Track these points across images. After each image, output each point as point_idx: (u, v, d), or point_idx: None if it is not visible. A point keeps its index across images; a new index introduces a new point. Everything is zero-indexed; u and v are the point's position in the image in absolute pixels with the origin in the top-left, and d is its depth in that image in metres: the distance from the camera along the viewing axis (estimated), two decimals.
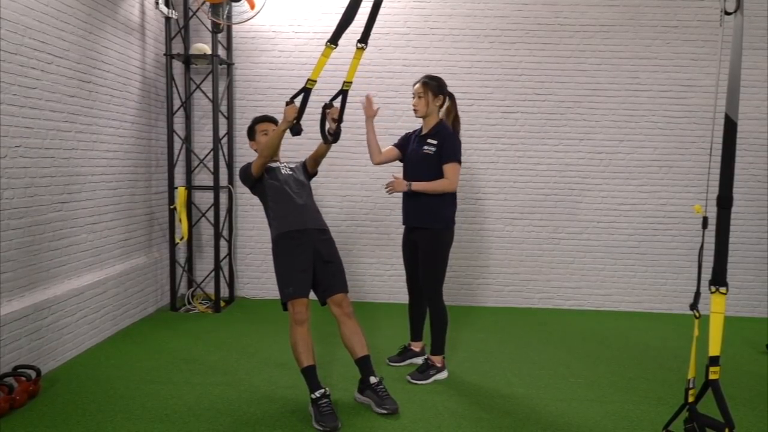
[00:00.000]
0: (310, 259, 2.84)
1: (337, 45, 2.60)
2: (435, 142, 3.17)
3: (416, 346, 3.52)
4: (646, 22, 4.68)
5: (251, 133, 3.11)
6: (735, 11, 2.09)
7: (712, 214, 2.16)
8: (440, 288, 3.24)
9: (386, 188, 3.23)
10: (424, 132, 3.27)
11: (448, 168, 3.14)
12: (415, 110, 3.26)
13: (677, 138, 4.75)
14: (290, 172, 3.02)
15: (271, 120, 3.10)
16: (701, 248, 2.23)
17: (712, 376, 2.14)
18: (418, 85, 3.25)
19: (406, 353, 3.51)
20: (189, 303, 4.70)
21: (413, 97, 3.27)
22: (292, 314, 2.76)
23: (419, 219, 3.23)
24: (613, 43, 4.71)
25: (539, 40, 4.73)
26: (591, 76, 4.74)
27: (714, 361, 2.13)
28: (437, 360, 3.25)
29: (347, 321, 2.87)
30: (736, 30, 2.09)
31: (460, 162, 3.18)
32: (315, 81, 2.65)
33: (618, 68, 4.72)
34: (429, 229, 3.19)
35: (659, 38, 4.69)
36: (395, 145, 3.43)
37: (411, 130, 3.45)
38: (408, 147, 3.37)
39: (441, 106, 3.26)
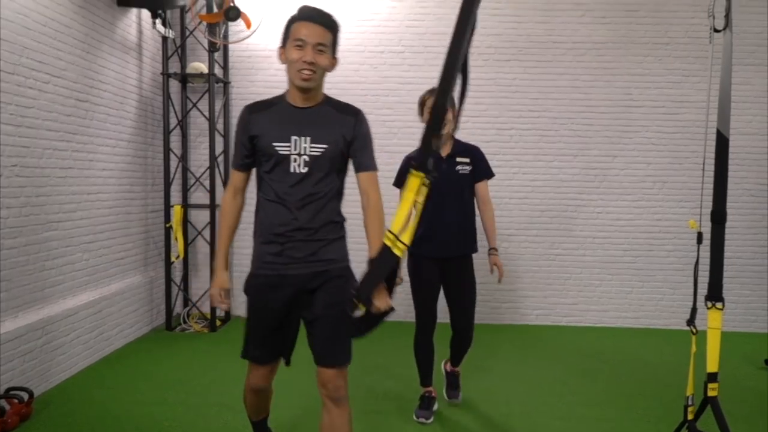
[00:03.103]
0: (288, 310, 2.00)
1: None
2: (467, 160, 2.94)
3: (434, 391, 3.13)
4: (637, 39, 4.74)
5: (285, 38, 1.93)
6: (724, 29, 2.12)
7: (707, 229, 2.16)
8: None
9: (500, 278, 2.93)
10: (448, 151, 2.92)
11: (486, 186, 2.98)
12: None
13: (671, 153, 4.79)
14: (306, 170, 1.92)
15: (315, 21, 1.88)
16: (696, 263, 2.23)
17: (710, 393, 2.13)
18: None
19: (431, 401, 3.06)
20: (184, 322, 4.67)
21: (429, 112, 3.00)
22: (246, 377, 2.13)
23: (466, 247, 2.95)
24: (606, 60, 4.76)
25: (533, 58, 4.78)
26: (584, 93, 4.78)
27: (712, 377, 2.12)
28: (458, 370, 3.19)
29: (332, 408, 1.96)
30: (726, 47, 2.12)
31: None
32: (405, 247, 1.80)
33: (611, 85, 4.77)
34: (470, 255, 2.97)
35: (651, 55, 4.74)
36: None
37: (411, 152, 2.99)
38: None
39: None
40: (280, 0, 4.73)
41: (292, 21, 1.93)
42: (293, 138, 1.92)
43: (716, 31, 2.13)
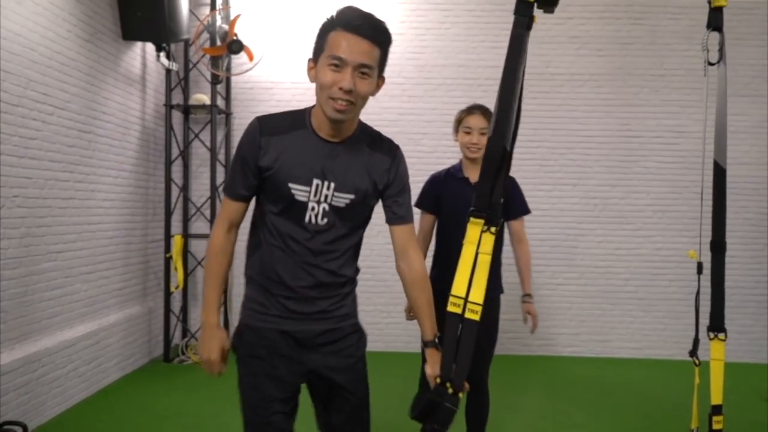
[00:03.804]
0: (297, 376, 1.61)
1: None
2: None
3: None
4: (633, 71, 4.81)
5: (317, 49, 1.50)
6: (718, 62, 2.15)
7: (707, 258, 2.16)
8: None
9: (533, 329, 2.68)
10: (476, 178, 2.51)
11: (521, 224, 2.65)
12: (478, 149, 2.47)
13: (669, 183, 4.81)
14: (324, 222, 1.55)
15: (361, 33, 1.44)
16: (697, 294, 2.22)
17: (715, 426, 2.09)
18: (481, 119, 2.50)
19: None
20: (183, 353, 4.62)
21: (466, 132, 2.52)
22: None
23: (492, 286, 2.48)
24: (603, 92, 4.82)
25: (531, 89, 4.84)
26: (582, 124, 4.83)
27: (716, 410, 2.09)
28: None
29: None
30: (721, 80, 2.14)
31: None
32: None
33: (609, 115, 4.82)
34: (495, 297, 2.62)
35: (647, 86, 4.81)
36: (428, 211, 2.62)
37: (437, 173, 2.71)
38: (448, 193, 2.59)
39: None
40: (282, 33, 4.83)
41: (330, 28, 1.46)
42: (315, 182, 1.51)
43: (710, 64, 2.16)
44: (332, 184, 1.53)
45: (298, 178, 1.51)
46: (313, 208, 1.53)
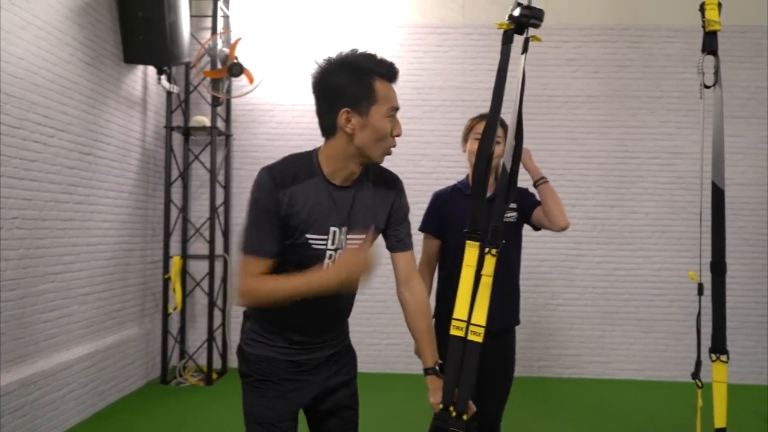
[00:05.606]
0: (304, 397, 1.67)
1: None
2: (513, 205, 2.44)
3: None
4: (630, 93, 4.86)
5: (361, 98, 1.49)
6: (713, 85, 2.17)
7: (707, 279, 2.15)
8: None
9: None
10: (489, 192, 2.25)
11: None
12: None
13: (667, 203, 4.82)
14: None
15: (395, 82, 1.58)
16: (698, 315, 2.21)
17: None
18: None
19: None
20: (180, 375, 4.57)
21: (476, 140, 2.38)
22: None
23: (508, 318, 2.34)
24: (600, 113, 4.86)
25: (528, 110, 4.84)
26: (580, 145, 4.86)
27: None
28: None
29: None
30: (717, 103, 2.16)
31: None
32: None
33: (606, 136, 4.86)
34: (512, 328, 2.38)
35: (644, 108, 4.85)
36: (433, 234, 2.37)
37: (441, 190, 2.49)
38: (455, 211, 2.34)
39: None
40: (282, 56, 4.88)
41: (370, 76, 1.48)
42: (332, 230, 1.52)
43: (706, 87, 2.18)
44: (344, 228, 1.55)
45: (315, 228, 1.51)
46: (330, 256, 1.55)
